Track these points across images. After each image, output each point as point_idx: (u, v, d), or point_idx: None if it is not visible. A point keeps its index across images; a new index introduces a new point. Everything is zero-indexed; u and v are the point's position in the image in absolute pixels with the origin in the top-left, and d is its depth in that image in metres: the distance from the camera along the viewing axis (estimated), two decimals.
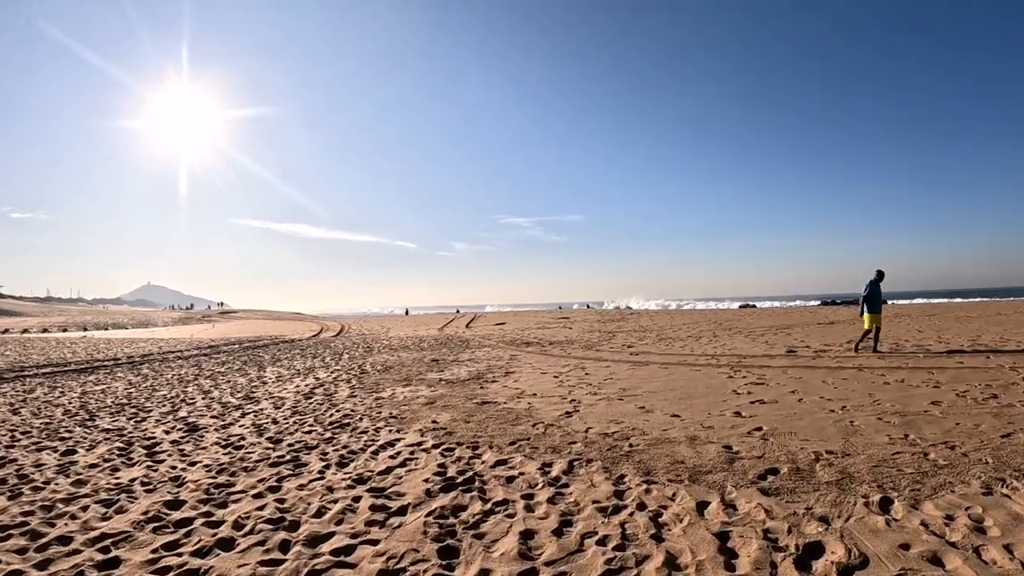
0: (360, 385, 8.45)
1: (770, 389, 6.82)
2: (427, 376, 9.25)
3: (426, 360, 11.80)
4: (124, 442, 5.29)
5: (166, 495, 3.76)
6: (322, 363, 11.89)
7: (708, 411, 5.68)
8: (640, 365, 9.78)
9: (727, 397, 6.40)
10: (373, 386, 8.31)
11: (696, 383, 7.50)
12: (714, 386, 7.20)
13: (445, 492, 3.51)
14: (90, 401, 7.66)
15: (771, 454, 4.06)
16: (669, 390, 7.01)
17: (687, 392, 6.81)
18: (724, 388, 7.01)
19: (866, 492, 3.33)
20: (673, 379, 7.97)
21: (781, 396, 6.32)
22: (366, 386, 8.34)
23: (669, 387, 7.25)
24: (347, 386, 8.41)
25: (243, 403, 7.20)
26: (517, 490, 3.49)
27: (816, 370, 8.39)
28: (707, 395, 6.56)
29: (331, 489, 3.70)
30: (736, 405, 5.92)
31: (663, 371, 8.87)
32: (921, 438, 4.43)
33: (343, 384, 8.63)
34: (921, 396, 6.06)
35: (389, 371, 10.09)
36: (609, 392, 7.03)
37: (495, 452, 4.35)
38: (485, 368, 10.09)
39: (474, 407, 6.32)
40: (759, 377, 7.83)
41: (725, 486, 3.43)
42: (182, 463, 4.59)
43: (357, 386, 8.37)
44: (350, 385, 8.49)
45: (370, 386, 8.33)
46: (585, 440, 4.62)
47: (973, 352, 9.52)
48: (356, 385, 8.46)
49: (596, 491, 3.41)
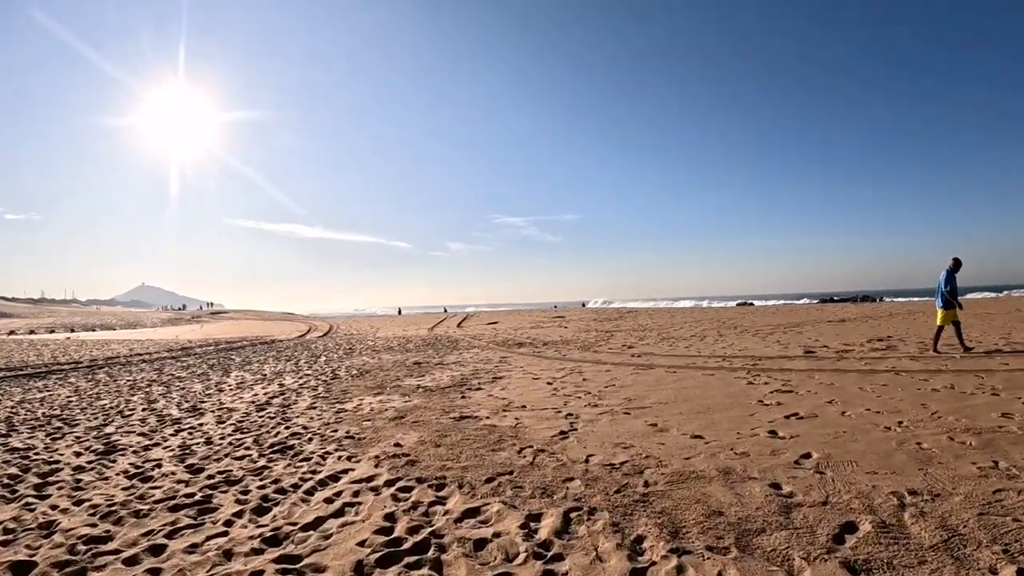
0: (325, 394, 7.36)
1: (802, 399, 5.78)
2: (404, 382, 8.16)
3: (408, 363, 10.71)
4: (20, 468, 4.24)
5: (13, 555, 2.70)
6: (294, 367, 10.79)
7: (736, 429, 4.62)
8: (644, 369, 8.73)
9: (754, 410, 5.36)
10: (340, 395, 7.22)
11: (713, 391, 6.45)
12: (735, 395, 6.15)
13: (384, 567, 2.42)
14: (20, 412, 6.61)
15: (837, 497, 3.00)
16: (683, 400, 5.96)
17: (705, 403, 5.75)
18: (747, 398, 5.96)
19: (992, 563, 2.29)
20: (685, 386, 6.92)
21: (819, 408, 5.27)
22: (332, 395, 7.25)
23: (682, 396, 6.20)
24: (311, 395, 7.32)
25: (184, 416, 6.12)
26: (488, 567, 2.41)
27: (846, 374, 7.36)
28: (729, 407, 5.51)
29: (228, 555, 2.62)
30: (768, 421, 4.87)
31: (671, 376, 7.82)
32: (1015, 466, 3.39)
33: (307, 392, 7.54)
34: (984, 406, 5.03)
35: (363, 376, 9.00)
36: (612, 403, 5.97)
37: (465, 495, 3.24)
38: (471, 372, 9.01)
39: (450, 424, 5.23)
40: (784, 383, 6.79)
41: (791, 557, 2.36)
42: (68, 501, 3.54)
43: (322, 395, 7.28)
44: (314, 393, 7.40)
45: (336, 395, 7.24)
46: (586, 476, 3.51)
47: (1013, 352, 8.52)
48: (321, 394, 7.37)
49: (604, 570, 2.34)
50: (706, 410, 5.40)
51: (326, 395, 7.25)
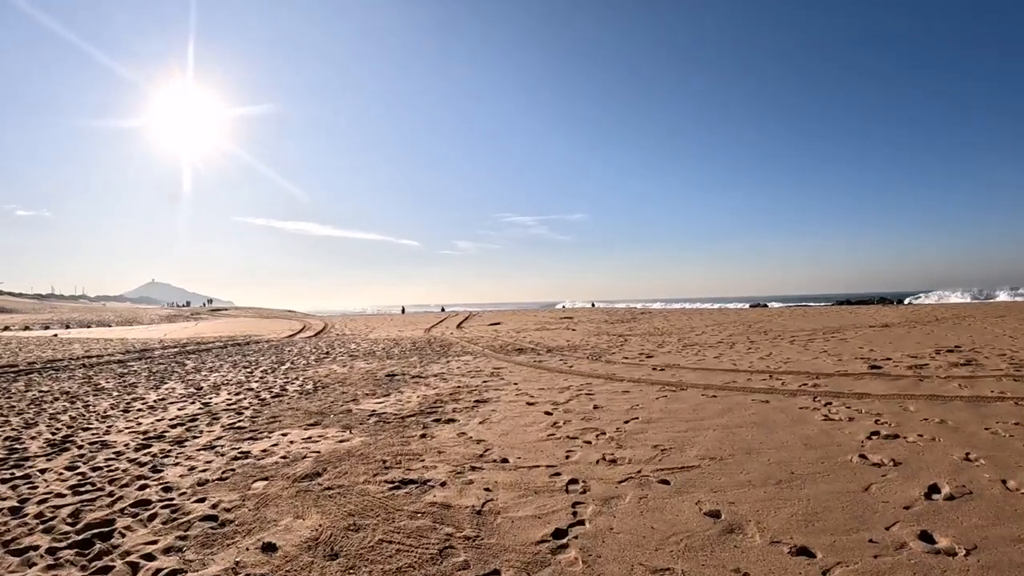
0: (247, 422, 5.50)
1: (919, 450, 3.80)
2: (359, 406, 6.26)
3: (380, 375, 8.83)
4: None
5: None
6: (244, 377, 8.96)
7: (860, 526, 2.67)
8: (672, 389, 6.77)
9: (862, 474, 3.40)
10: (263, 425, 5.35)
11: (781, 433, 4.49)
12: (816, 441, 4.19)
13: None
14: None
15: None
16: (743, 452, 4.01)
17: (780, 459, 3.80)
18: (837, 447, 4.00)
19: None
20: (736, 423, 4.96)
21: (958, 472, 3.30)
22: (254, 424, 5.39)
23: (740, 443, 4.25)
24: (227, 421, 5.47)
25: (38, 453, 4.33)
26: None
27: (948, 402, 5.37)
28: (821, 468, 3.55)
29: None
30: (903, 507, 2.90)
31: (713, 404, 5.86)
32: None
33: (226, 417, 5.69)
34: None
35: (314, 394, 7.13)
36: (638, 456, 4.01)
37: None
38: (450, 392, 7.09)
39: (378, 499, 3.27)
40: (875, 418, 4.83)
41: None
42: None
43: (240, 424, 5.42)
44: (233, 421, 5.54)
45: (259, 424, 5.37)
46: None
47: None
48: (240, 422, 5.51)
49: None
50: (789, 477, 3.44)
51: (246, 424, 5.39)
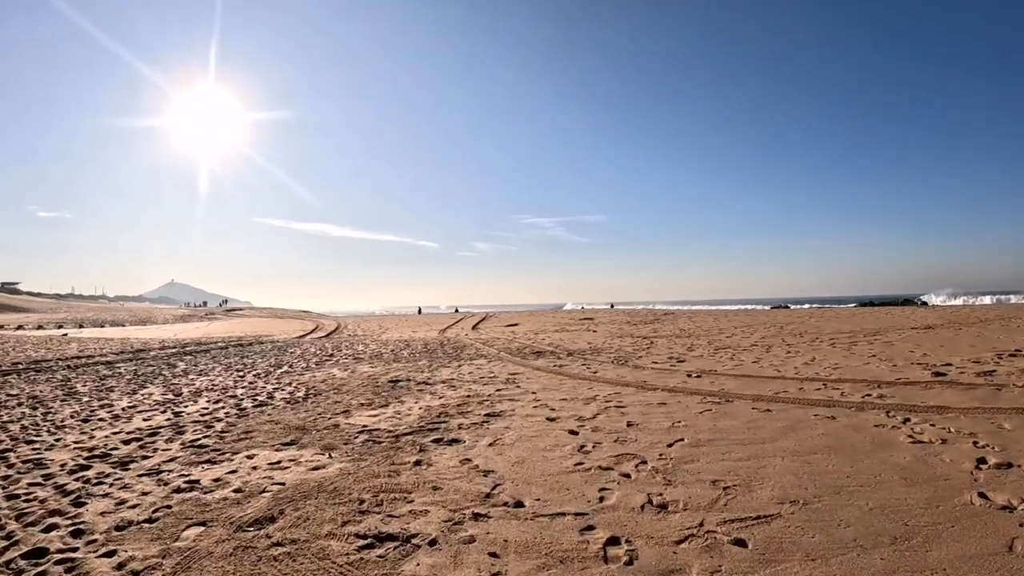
0: (215, 437, 4.67)
1: None
2: (349, 420, 5.40)
3: (382, 381, 7.98)
4: None
5: None
6: (233, 381, 8.19)
7: None
8: (716, 401, 5.78)
9: (989, 518, 2.41)
10: (231, 442, 4.52)
11: (865, 461, 3.49)
12: (912, 471, 3.18)
13: None
14: None
15: None
16: (832, 492, 3.02)
17: (880, 501, 2.81)
18: (941, 479, 2.99)
19: None
20: (806, 446, 3.97)
21: None
22: (222, 441, 4.56)
23: (822, 478, 3.26)
24: (191, 436, 4.66)
25: None
26: None
27: None
28: (934, 513, 2.56)
29: None
30: None
31: (770, 420, 4.86)
32: None
33: (190, 432, 4.88)
34: None
35: (303, 403, 6.30)
36: (695, 498, 3.06)
37: None
38: (458, 402, 6.19)
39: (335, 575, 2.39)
40: (971, 439, 3.80)
41: None
42: None
43: (205, 440, 4.59)
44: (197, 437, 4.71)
45: (227, 441, 4.54)
46: None
47: None
48: (205, 438, 4.67)
49: None
50: (904, 532, 2.44)
51: (210, 441, 4.56)
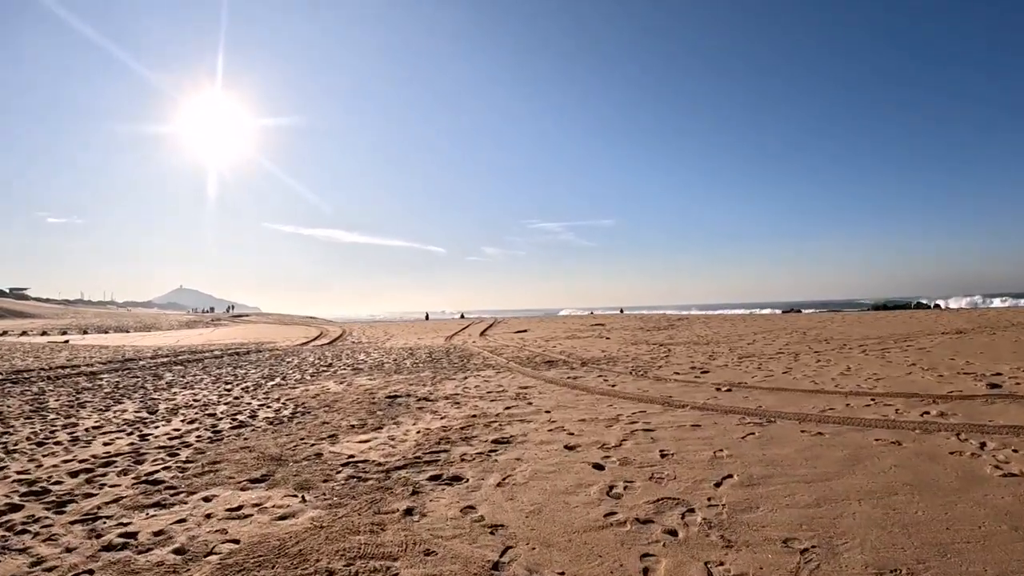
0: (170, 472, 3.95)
1: None
2: (334, 449, 4.65)
3: (379, 397, 7.25)
4: None
5: None
6: (220, 394, 7.49)
7: None
8: (757, 422, 4.98)
9: None
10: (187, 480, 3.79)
11: (960, 505, 2.69)
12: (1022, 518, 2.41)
13: None
14: None
15: None
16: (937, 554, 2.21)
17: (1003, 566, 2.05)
18: None
19: None
20: (882, 484, 3.17)
21: None
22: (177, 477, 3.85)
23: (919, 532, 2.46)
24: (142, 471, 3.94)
25: None
26: None
27: None
28: None
29: None
30: None
31: (826, 446, 4.06)
32: None
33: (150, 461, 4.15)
34: None
35: (287, 424, 5.58)
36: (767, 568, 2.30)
37: None
38: (463, 424, 5.44)
39: None
40: None
41: None
42: None
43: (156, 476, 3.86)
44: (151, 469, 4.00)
45: (184, 479, 3.82)
46: None
47: None
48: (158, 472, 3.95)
49: None
50: None
51: (169, 475, 3.84)
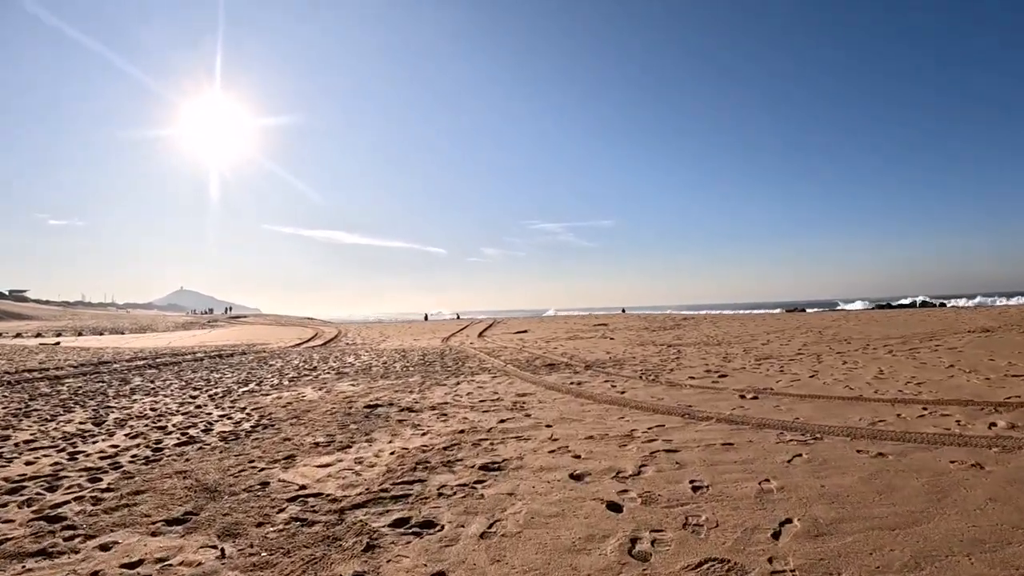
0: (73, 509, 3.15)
1: None
2: (288, 472, 3.83)
3: (359, 406, 6.44)
4: None
5: None
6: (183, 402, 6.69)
7: None
8: (801, 439, 4.15)
9: None
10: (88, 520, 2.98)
11: None
12: None
13: None
14: None
15: None
16: None
17: None
18: None
19: None
20: (986, 526, 2.34)
21: None
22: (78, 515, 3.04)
23: None
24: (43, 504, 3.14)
25: None
26: None
27: None
28: None
29: None
30: None
31: (894, 471, 3.23)
32: None
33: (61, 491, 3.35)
34: None
35: (244, 439, 4.77)
36: None
37: None
38: (447, 442, 4.61)
39: None
40: None
41: None
42: None
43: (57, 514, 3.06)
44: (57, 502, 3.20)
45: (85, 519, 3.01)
46: None
47: None
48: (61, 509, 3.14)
49: None
50: None
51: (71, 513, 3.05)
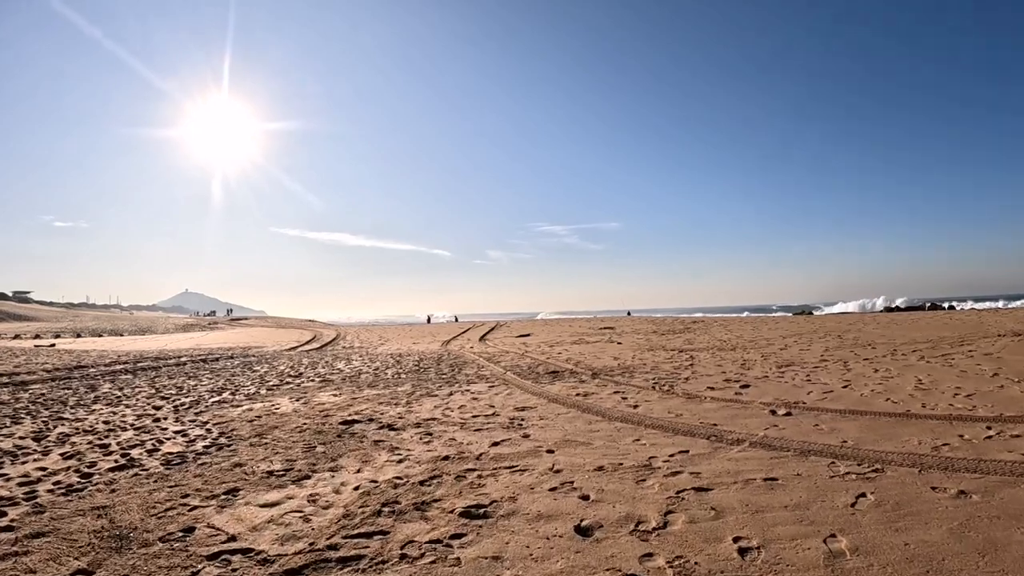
0: None
1: None
2: (218, 520, 3.05)
3: (335, 421, 5.68)
4: None
5: None
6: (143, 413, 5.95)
7: None
8: (858, 470, 3.35)
9: None
10: None
11: None
12: None
13: None
14: None
15: None
16: None
17: None
18: None
19: None
20: None
21: None
22: None
23: None
24: None
25: None
26: None
27: None
28: None
29: None
30: None
31: (1001, 524, 2.43)
32: None
33: None
34: None
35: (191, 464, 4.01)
36: None
37: None
38: (427, 473, 3.84)
39: None
40: None
41: None
42: None
43: None
44: None
45: None
46: None
47: None
48: None
49: None
50: None
51: None
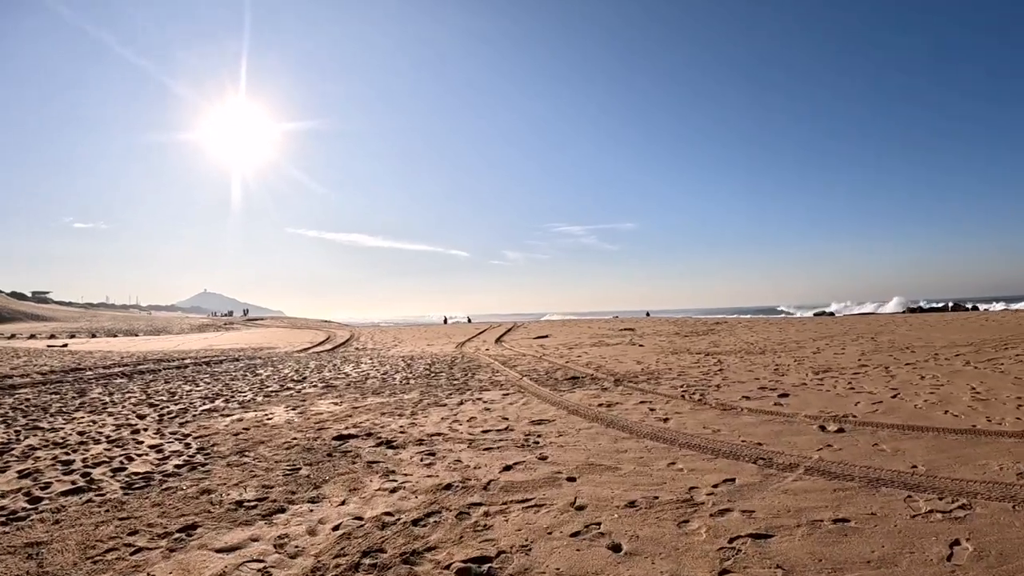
0: None
1: None
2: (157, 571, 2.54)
3: (328, 436, 5.13)
4: None
5: None
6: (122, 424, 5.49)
7: None
8: (941, 507, 2.67)
9: None
10: None
11: None
12: None
13: None
14: None
15: None
16: None
17: None
18: None
19: None
20: None
21: None
22: None
23: None
24: None
25: None
26: None
27: None
28: None
29: None
30: None
31: None
32: None
33: None
34: None
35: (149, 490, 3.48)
36: None
37: None
38: (423, 507, 3.23)
39: None
40: None
41: None
42: None
43: None
44: None
45: None
46: None
47: None
48: None
49: None
50: None
51: None
